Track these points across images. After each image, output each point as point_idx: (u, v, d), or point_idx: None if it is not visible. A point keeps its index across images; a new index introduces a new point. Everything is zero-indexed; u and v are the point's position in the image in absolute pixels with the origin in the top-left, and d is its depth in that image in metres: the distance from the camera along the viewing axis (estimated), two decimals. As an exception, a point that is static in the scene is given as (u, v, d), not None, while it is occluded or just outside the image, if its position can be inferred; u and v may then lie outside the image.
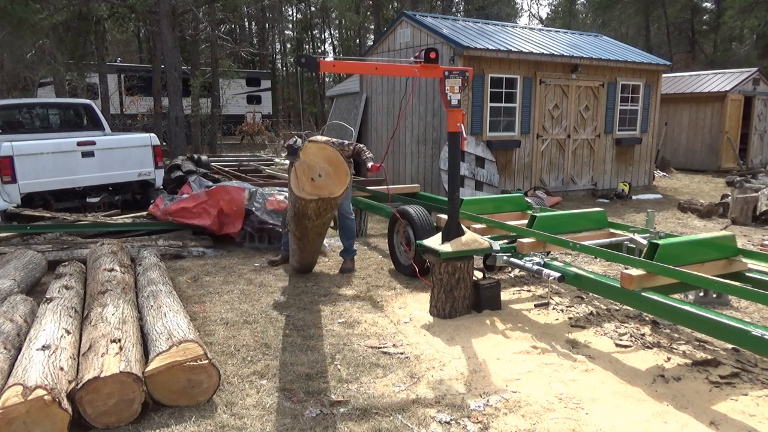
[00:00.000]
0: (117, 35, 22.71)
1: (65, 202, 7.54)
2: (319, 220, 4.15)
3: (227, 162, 11.46)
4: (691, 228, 7.89)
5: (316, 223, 4.19)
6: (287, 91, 38.78)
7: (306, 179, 3.73)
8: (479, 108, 9.57)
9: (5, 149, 6.72)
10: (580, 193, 11.12)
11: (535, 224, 4.55)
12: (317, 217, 4.08)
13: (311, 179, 3.76)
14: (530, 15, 62.48)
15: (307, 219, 4.11)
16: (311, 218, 4.09)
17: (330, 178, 3.79)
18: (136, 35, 28.48)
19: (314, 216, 4.06)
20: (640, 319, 4.19)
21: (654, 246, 3.69)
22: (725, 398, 3.04)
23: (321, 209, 3.98)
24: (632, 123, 11.67)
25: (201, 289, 4.91)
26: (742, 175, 13.18)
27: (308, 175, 3.76)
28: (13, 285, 4.24)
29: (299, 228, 4.38)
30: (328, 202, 3.89)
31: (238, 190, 6.28)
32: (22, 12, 10.78)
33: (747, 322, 3.01)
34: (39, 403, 2.46)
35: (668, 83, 15.85)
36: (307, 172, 3.75)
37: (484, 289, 4.31)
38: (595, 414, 2.89)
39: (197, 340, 3.01)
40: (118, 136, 8.69)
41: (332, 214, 4.38)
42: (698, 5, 32.18)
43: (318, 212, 4.02)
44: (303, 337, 3.85)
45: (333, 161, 3.80)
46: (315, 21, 40.87)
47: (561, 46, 10.80)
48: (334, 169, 3.79)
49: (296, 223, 4.36)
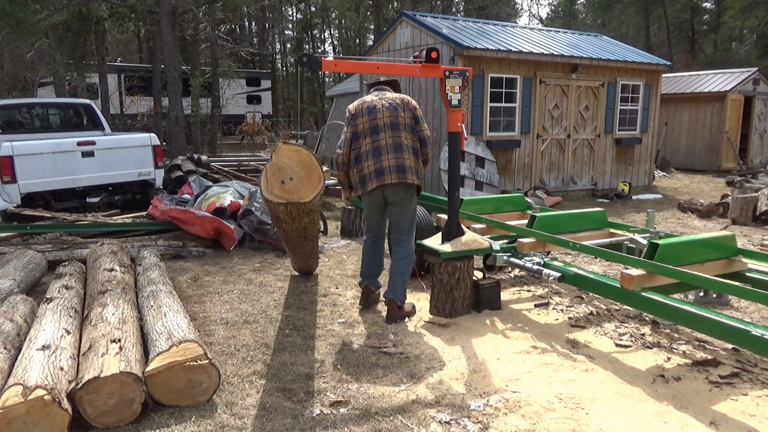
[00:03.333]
0: (117, 35, 22.72)
1: (65, 202, 7.54)
2: (295, 224, 4.00)
3: (227, 162, 11.44)
4: (691, 228, 7.89)
5: (294, 226, 4.05)
6: (287, 91, 38.78)
7: (275, 181, 3.57)
8: (479, 108, 9.57)
9: (5, 149, 6.72)
10: (580, 193, 11.12)
11: (535, 224, 4.55)
12: (292, 221, 3.94)
13: (281, 182, 3.59)
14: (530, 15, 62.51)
15: (282, 222, 3.99)
16: (286, 221, 3.96)
17: (301, 182, 3.62)
18: (136, 35, 28.48)
19: (288, 219, 3.92)
20: (640, 319, 4.19)
21: (654, 246, 3.69)
22: (725, 398, 3.04)
23: (293, 214, 3.81)
24: (632, 123, 11.67)
25: (201, 289, 4.91)
26: (742, 175, 13.18)
27: (278, 177, 3.59)
28: (13, 285, 4.24)
29: (280, 230, 4.30)
30: (299, 207, 3.70)
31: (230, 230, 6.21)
32: (20, 12, 10.77)
33: (747, 322, 3.01)
34: (39, 403, 2.46)
35: (668, 83, 15.85)
36: (277, 174, 3.59)
37: (484, 289, 4.31)
38: (595, 414, 2.89)
39: (197, 340, 3.01)
40: (118, 136, 8.69)
41: (312, 219, 4.19)
42: (698, 5, 32.18)
43: (291, 216, 3.86)
44: (303, 337, 3.85)
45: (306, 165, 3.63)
46: (315, 21, 40.88)
47: (561, 46, 10.80)
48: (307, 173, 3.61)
49: (275, 225, 4.28)
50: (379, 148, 3.97)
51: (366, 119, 4.02)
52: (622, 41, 16.97)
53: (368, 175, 3.98)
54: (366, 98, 4.15)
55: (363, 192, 4.04)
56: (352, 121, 4.06)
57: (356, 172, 4.05)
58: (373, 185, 3.96)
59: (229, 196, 6.78)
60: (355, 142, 4.04)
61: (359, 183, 4.03)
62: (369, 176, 3.97)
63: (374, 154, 3.97)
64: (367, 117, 4.02)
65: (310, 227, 4.24)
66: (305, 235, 4.28)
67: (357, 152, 4.04)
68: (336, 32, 42.45)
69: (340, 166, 4.13)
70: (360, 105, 4.11)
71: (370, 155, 3.98)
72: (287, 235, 4.27)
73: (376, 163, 3.96)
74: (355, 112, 4.08)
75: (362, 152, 4.01)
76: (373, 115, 4.01)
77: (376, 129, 4.00)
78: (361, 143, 4.01)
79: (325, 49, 41.62)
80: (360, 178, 4.02)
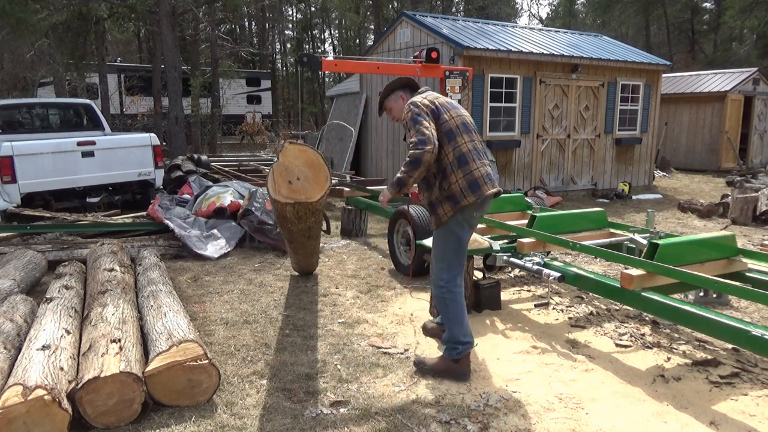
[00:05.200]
0: (117, 35, 22.73)
1: (65, 202, 7.54)
2: (301, 224, 4.00)
3: (227, 162, 11.44)
4: (691, 228, 7.89)
5: (299, 227, 4.05)
6: (287, 91, 38.78)
7: (283, 181, 3.55)
8: (479, 108, 9.57)
9: (5, 149, 6.72)
10: (580, 193, 11.13)
11: (535, 224, 4.55)
12: (298, 221, 3.94)
13: (288, 182, 3.57)
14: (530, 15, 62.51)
15: (288, 222, 3.99)
16: (292, 221, 3.96)
17: (308, 182, 3.59)
18: (136, 35, 28.47)
19: (295, 220, 3.92)
20: (640, 319, 4.19)
21: (654, 246, 3.69)
22: (725, 398, 3.04)
23: (300, 213, 3.81)
24: (632, 123, 11.67)
25: (201, 289, 4.91)
26: (742, 175, 13.19)
27: (285, 177, 3.57)
28: (13, 285, 4.24)
29: (284, 230, 4.30)
30: (306, 207, 3.68)
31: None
32: (20, 12, 10.77)
33: (747, 322, 3.01)
34: (39, 403, 2.46)
35: (668, 83, 15.85)
36: (284, 175, 3.56)
37: (484, 289, 4.31)
38: (595, 414, 2.90)
39: (197, 340, 3.01)
40: (118, 136, 8.69)
41: (318, 218, 4.12)
42: (698, 5, 32.18)
43: (298, 216, 3.86)
44: (303, 337, 3.85)
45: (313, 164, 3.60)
46: (315, 21, 40.87)
47: (561, 46, 10.80)
48: (314, 172, 3.59)
49: (280, 225, 4.27)
50: (476, 150, 3.24)
51: (454, 114, 3.24)
52: (622, 41, 16.98)
53: (481, 178, 3.16)
54: (435, 94, 3.38)
55: (473, 200, 3.12)
56: (439, 116, 3.19)
57: (462, 175, 3.13)
58: (489, 190, 3.17)
59: (229, 196, 6.79)
60: (453, 140, 3.17)
61: (468, 188, 3.12)
62: (482, 179, 3.16)
63: (477, 156, 3.22)
64: (455, 112, 3.25)
65: (315, 227, 4.25)
66: (310, 234, 4.28)
67: (458, 152, 3.16)
68: (336, 32, 42.46)
69: (423, 164, 3.04)
70: (439, 99, 3.31)
71: (474, 156, 3.20)
72: (292, 235, 4.27)
73: (482, 166, 3.21)
74: (438, 107, 3.21)
75: (465, 152, 3.17)
76: (458, 111, 3.29)
77: (467, 128, 3.26)
78: (459, 142, 3.18)
79: (325, 49, 41.64)
80: (470, 182, 3.13)
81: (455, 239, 3.24)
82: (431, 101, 3.23)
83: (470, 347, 3.27)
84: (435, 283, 3.35)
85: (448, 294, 3.27)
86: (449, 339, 3.26)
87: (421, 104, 3.19)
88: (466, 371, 3.26)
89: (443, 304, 3.29)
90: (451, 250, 3.26)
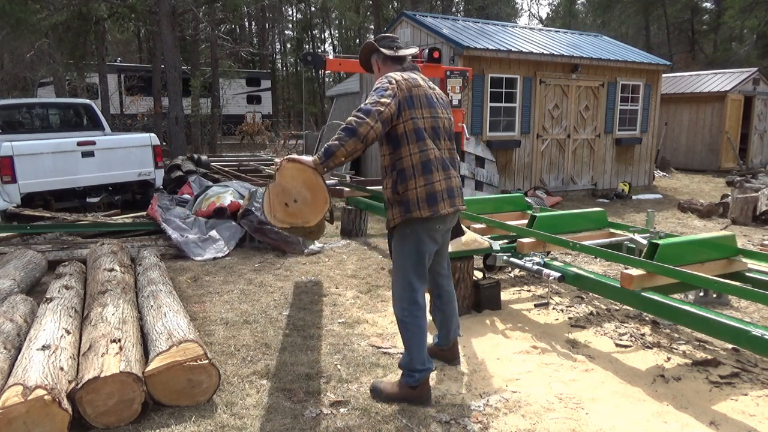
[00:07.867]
0: (117, 35, 22.74)
1: (65, 202, 7.54)
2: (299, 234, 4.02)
3: (227, 162, 11.46)
4: (691, 228, 7.89)
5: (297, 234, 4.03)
6: (287, 91, 38.80)
7: (279, 204, 3.30)
8: (479, 108, 9.57)
9: (5, 149, 6.72)
10: (580, 193, 11.13)
11: (535, 224, 4.55)
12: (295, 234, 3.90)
13: (285, 204, 3.33)
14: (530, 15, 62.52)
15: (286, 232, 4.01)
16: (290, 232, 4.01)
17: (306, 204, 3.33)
18: (136, 35, 28.49)
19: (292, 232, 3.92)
20: (640, 319, 4.19)
21: (654, 246, 3.69)
22: (725, 398, 3.04)
23: (296, 233, 3.63)
24: (632, 123, 11.67)
25: (201, 289, 4.91)
26: (742, 175, 13.19)
27: (281, 199, 3.31)
28: (13, 285, 4.24)
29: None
30: (302, 230, 3.48)
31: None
32: (20, 12, 10.78)
33: (747, 322, 3.01)
34: (39, 403, 2.46)
35: (668, 83, 15.85)
36: (280, 196, 3.31)
37: (484, 289, 4.31)
38: (595, 414, 2.90)
39: (197, 340, 3.01)
40: (118, 136, 8.69)
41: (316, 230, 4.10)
42: (698, 5, 32.20)
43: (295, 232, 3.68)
44: (303, 337, 3.85)
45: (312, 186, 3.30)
46: (315, 21, 40.89)
47: (561, 46, 10.80)
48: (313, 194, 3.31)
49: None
50: (444, 160, 2.93)
51: (427, 114, 2.89)
52: (622, 41, 16.98)
53: (441, 192, 2.87)
54: (417, 80, 2.93)
55: (427, 215, 2.83)
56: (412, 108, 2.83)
57: (423, 184, 2.83)
58: (446, 209, 2.88)
59: (229, 196, 6.79)
60: (422, 141, 2.83)
61: (425, 200, 2.82)
62: (442, 194, 2.87)
63: (443, 167, 2.91)
64: (428, 112, 2.89)
65: (316, 231, 4.28)
66: (310, 231, 4.32)
67: (425, 156, 2.84)
68: (336, 32, 42.48)
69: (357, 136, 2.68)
70: (418, 89, 2.89)
71: (440, 166, 2.88)
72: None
73: (447, 179, 2.90)
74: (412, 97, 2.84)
75: (431, 158, 2.85)
76: (433, 110, 2.92)
77: (436, 133, 2.92)
78: (428, 145, 2.85)
79: (325, 49, 41.63)
80: (428, 194, 2.83)
81: (412, 250, 2.91)
82: (408, 88, 2.84)
83: (428, 373, 2.98)
84: (394, 302, 3.00)
85: (409, 317, 2.93)
86: (406, 365, 2.96)
87: (398, 83, 2.82)
88: (426, 396, 2.98)
89: (402, 327, 2.96)
90: (409, 264, 2.93)
